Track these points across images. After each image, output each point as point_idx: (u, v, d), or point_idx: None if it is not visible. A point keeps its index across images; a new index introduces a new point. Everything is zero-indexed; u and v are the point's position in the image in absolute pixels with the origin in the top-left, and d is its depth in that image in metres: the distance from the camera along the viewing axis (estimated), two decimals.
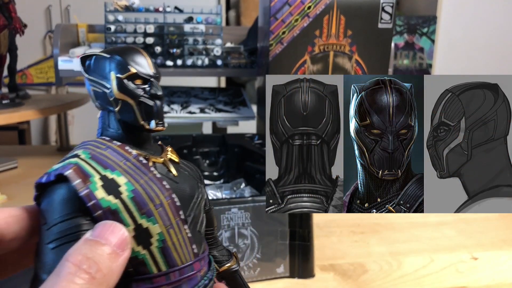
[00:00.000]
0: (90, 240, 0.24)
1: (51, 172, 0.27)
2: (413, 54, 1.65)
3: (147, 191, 0.27)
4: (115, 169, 0.27)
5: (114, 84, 0.30)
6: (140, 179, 0.28)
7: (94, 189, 0.26)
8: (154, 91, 0.31)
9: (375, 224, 0.84)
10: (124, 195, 0.26)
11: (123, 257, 0.25)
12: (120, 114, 0.30)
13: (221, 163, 0.90)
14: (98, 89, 0.31)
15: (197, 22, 1.15)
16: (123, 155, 0.29)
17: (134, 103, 0.30)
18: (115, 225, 0.25)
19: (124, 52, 0.31)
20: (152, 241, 0.27)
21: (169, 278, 0.28)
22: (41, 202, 0.27)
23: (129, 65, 0.30)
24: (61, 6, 2.42)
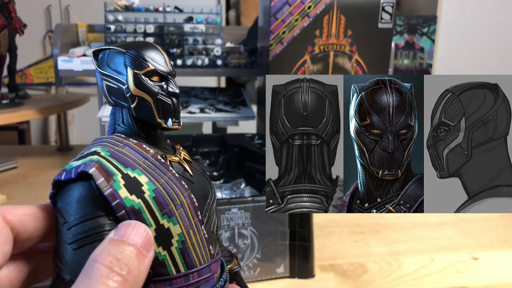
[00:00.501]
0: (116, 240, 0.23)
1: (70, 169, 0.26)
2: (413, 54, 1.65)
3: (168, 191, 0.27)
4: (136, 168, 0.27)
5: (131, 80, 0.29)
6: (160, 178, 0.27)
7: (118, 188, 0.25)
8: (171, 89, 0.30)
9: (375, 224, 0.84)
10: (146, 194, 0.26)
11: (149, 258, 0.24)
12: (136, 111, 0.29)
13: (221, 163, 0.90)
14: (112, 85, 0.30)
15: (197, 22, 1.15)
16: (142, 153, 0.28)
17: (152, 100, 0.29)
18: (139, 225, 0.25)
19: (141, 48, 0.30)
20: (172, 241, 0.26)
21: (188, 279, 0.27)
22: (58, 200, 0.26)
23: (147, 61, 0.29)
24: (61, 6, 2.42)
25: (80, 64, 1.07)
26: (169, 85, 0.30)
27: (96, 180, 0.25)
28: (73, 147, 1.34)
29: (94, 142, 0.29)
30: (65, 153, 1.29)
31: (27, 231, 0.27)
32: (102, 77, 0.30)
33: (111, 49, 0.30)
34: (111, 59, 0.30)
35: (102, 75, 0.30)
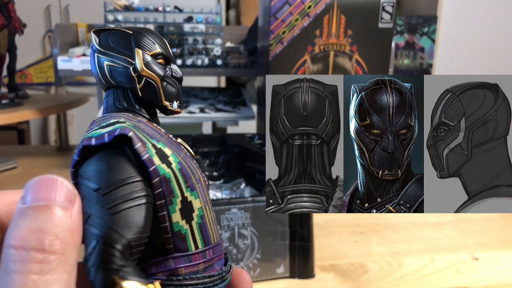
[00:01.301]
0: (25, 208, 0.19)
1: (100, 135, 0.25)
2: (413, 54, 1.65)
3: (188, 165, 0.27)
4: (159, 140, 0.26)
5: (140, 60, 0.29)
6: (180, 153, 0.27)
7: (152, 155, 0.25)
8: (176, 73, 0.30)
9: (375, 224, 0.84)
10: (173, 165, 0.25)
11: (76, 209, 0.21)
12: (143, 91, 0.29)
13: (221, 163, 0.90)
14: (116, 64, 0.29)
15: (197, 21, 1.15)
16: (156, 130, 0.28)
17: (159, 81, 0.29)
18: (46, 178, 0.20)
19: (146, 31, 0.30)
20: (193, 216, 0.26)
21: (205, 256, 0.26)
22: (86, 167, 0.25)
23: (155, 44, 0.30)
24: (61, 6, 2.42)
25: (79, 64, 1.07)
26: (173, 69, 0.30)
27: (135, 144, 0.24)
28: (72, 147, 1.34)
29: (108, 115, 0.28)
30: (65, 153, 1.29)
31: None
32: (104, 56, 0.29)
33: (116, 30, 0.29)
34: (115, 39, 0.29)
35: (104, 54, 0.29)
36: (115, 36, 0.29)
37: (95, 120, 0.28)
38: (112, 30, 0.29)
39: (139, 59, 0.29)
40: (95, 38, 0.30)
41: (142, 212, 0.24)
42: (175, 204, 0.25)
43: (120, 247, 0.23)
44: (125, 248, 0.23)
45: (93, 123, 0.28)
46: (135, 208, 0.24)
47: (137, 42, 0.29)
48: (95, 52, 0.29)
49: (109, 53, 0.29)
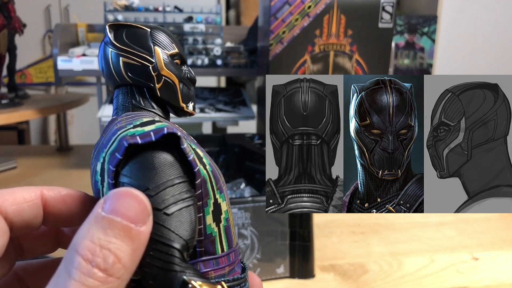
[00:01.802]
0: (104, 218, 0.20)
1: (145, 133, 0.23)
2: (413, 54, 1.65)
3: (216, 167, 0.26)
4: (191, 141, 0.26)
5: (161, 59, 0.28)
6: (206, 155, 0.26)
7: (194, 155, 0.24)
8: (191, 75, 0.30)
9: (376, 224, 0.84)
10: (207, 167, 0.25)
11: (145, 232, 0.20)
12: (162, 91, 0.28)
13: (221, 163, 0.90)
14: (134, 62, 0.27)
15: (197, 21, 1.15)
16: (181, 131, 0.26)
17: (177, 82, 0.28)
18: (130, 193, 0.21)
19: (162, 29, 0.29)
20: (221, 218, 0.25)
21: (229, 258, 0.26)
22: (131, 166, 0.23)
23: (172, 43, 0.29)
24: (61, 6, 2.42)
25: (79, 64, 1.07)
26: (188, 70, 0.30)
27: (182, 144, 0.24)
28: (72, 147, 1.34)
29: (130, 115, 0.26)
30: (65, 153, 1.29)
31: (23, 221, 0.23)
32: (120, 52, 0.27)
33: (131, 26, 0.28)
34: (132, 35, 0.28)
35: (120, 50, 0.27)
36: (132, 32, 0.28)
37: (115, 118, 0.27)
38: (128, 26, 0.28)
39: (158, 58, 0.28)
40: (110, 31, 0.28)
41: (192, 213, 0.24)
42: (209, 206, 0.25)
43: (180, 248, 0.22)
44: (184, 249, 0.23)
45: (114, 121, 0.26)
46: (186, 209, 0.23)
47: (155, 41, 0.28)
48: (107, 47, 0.28)
49: (126, 49, 0.28)
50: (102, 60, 0.28)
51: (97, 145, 0.26)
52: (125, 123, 0.25)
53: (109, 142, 0.24)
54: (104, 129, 0.27)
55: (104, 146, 0.25)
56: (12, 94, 1.11)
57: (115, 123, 0.26)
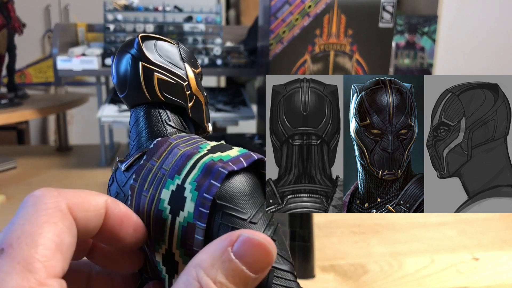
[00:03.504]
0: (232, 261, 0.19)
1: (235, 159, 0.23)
2: (414, 54, 1.65)
3: None
4: None
5: (193, 77, 0.26)
6: None
7: None
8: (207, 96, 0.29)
9: (376, 225, 0.84)
10: None
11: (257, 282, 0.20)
12: (192, 111, 0.27)
13: None
14: (169, 79, 0.26)
15: (197, 21, 1.15)
16: None
17: (203, 101, 0.28)
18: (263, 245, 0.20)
19: (183, 46, 0.28)
20: None
21: None
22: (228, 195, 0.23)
23: (197, 61, 0.27)
24: (60, 6, 2.42)
25: (79, 63, 1.07)
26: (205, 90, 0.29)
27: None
28: (72, 147, 1.34)
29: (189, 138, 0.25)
30: (64, 153, 1.29)
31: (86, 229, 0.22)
32: (154, 68, 0.25)
33: (161, 39, 0.26)
34: (164, 50, 0.26)
35: (155, 66, 0.25)
36: (164, 46, 0.26)
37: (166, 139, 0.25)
38: (159, 39, 0.26)
39: (191, 76, 0.26)
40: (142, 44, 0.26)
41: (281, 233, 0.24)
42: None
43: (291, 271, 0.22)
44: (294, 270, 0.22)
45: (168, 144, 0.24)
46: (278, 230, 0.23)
47: (184, 58, 0.27)
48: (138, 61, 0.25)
49: (161, 65, 0.26)
50: (130, 75, 0.26)
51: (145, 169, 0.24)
52: (191, 148, 0.24)
53: (184, 167, 0.23)
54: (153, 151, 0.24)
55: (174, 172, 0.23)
56: (12, 94, 1.11)
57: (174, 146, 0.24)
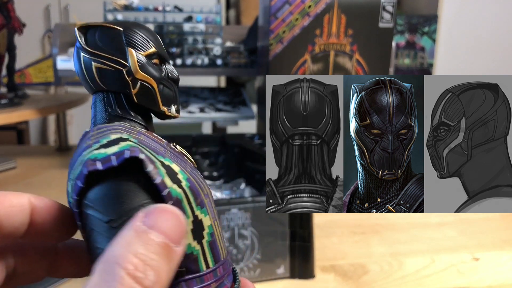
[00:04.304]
0: (145, 232, 0.19)
1: (106, 156, 0.22)
2: (414, 54, 1.65)
3: (196, 180, 0.24)
4: (165, 156, 0.24)
5: (135, 61, 0.26)
6: (186, 167, 0.25)
7: (163, 176, 0.22)
8: (172, 74, 0.27)
9: (376, 225, 0.84)
10: (183, 183, 0.23)
11: (179, 253, 0.20)
12: (138, 97, 0.26)
13: (221, 163, 0.90)
14: (106, 66, 0.26)
15: (197, 21, 1.15)
16: (157, 142, 0.25)
17: (156, 85, 0.26)
18: (172, 211, 0.20)
19: (138, 27, 0.27)
20: (204, 234, 0.24)
21: (216, 274, 0.24)
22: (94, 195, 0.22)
23: (149, 42, 0.26)
24: (60, 6, 2.42)
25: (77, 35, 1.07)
26: (170, 69, 0.28)
27: (146, 167, 0.22)
28: (72, 147, 1.34)
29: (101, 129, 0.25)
30: (64, 153, 1.29)
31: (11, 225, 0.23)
32: (92, 57, 0.26)
33: (103, 26, 0.26)
34: (105, 37, 0.26)
35: (92, 55, 0.26)
36: (104, 33, 0.26)
37: (88, 132, 0.25)
38: (100, 27, 0.26)
39: (132, 60, 0.26)
40: (80, 35, 0.26)
41: None
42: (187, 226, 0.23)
43: None
44: None
45: (86, 136, 0.25)
46: None
47: (129, 41, 0.26)
48: (80, 51, 0.26)
49: (98, 54, 0.26)
50: (75, 65, 0.26)
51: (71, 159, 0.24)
52: (93, 141, 0.23)
53: (75, 163, 0.23)
54: (79, 143, 0.25)
55: (71, 166, 0.23)
56: (12, 94, 1.11)
57: (86, 138, 0.24)
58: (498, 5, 2.40)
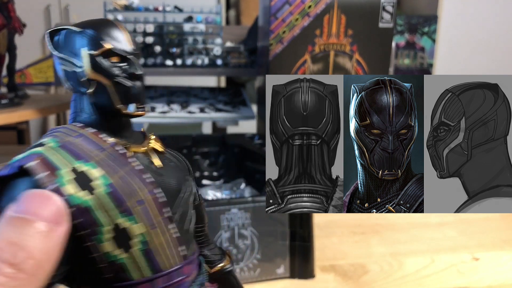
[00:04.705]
0: (16, 218, 0.20)
1: (13, 163, 0.24)
2: (414, 54, 1.65)
3: (126, 186, 0.24)
4: (89, 160, 0.24)
5: (87, 62, 0.26)
6: (118, 171, 0.24)
7: (62, 183, 0.23)
8: (132, 70, 0.27)
9: (376, 225, 0.84)
10: (99, 190, 0.23)
11: (59, 232, 0.20)
12: (94, 97, 0.26)
13: (221, 163, 0.90)
14: (68, 68, 0.27)
15: (197, 21, 1.15)
16: (98, 144, 0.25)
17: (110, 83, 0.26)
18: (41, 194, 0.21)
19: (97, 25, 0.27)
20: (132, 243, 0.24)
21: (155, 284, 0.24)
22: (2, 198, 0.24)
23: (103, 40, 0.26)
24: (61, 6, 2.42)
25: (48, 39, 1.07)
26: (131, 66, 0.27)
27: (35, 175, 0.23)
28: None
29: (48, 132, 0.26)
30: None
31: None
32: (59, 60, 0.27)
33: (67, 29, 0.27)
34: (66, 40, 0.27)
35: (59, 58, 0.27)
36: (66, 36, 0.27)
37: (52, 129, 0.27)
38: (62, 29, 0.27)
39: (85, 61, 0.26)
40: (48, 40, 0.27)
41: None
42: (102, 234, 0.23)
43: None
44: None
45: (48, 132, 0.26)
46: None
47: (84, 41, 0.26)
48: (53, 56, 0.27)
49: (61, 56, 0.27)
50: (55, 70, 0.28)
51: None
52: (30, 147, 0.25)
53: None
54: None
55: None
56: (12, 94, 1.11)
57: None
58: (497, 5, 2.40)
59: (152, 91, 1.23)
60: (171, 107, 1.13)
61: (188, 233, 0.28)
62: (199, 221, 0.32)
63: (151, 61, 1.10)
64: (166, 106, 1.11)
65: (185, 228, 0.27)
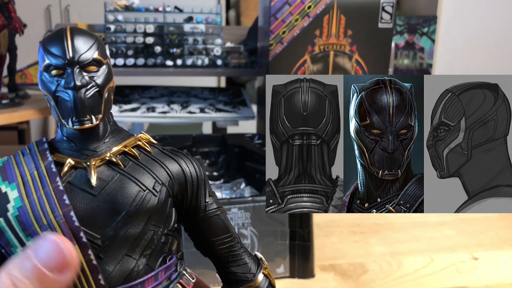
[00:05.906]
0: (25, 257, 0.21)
1: None
2: (413, 54, 1.65)
3: (34, 209, 0.23)
4: (13, 181, 0.24)
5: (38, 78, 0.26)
6: (34, 193, 0.24)
7: None
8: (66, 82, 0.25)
9: (376, 224, 0.84)
10: (10, 212, 0.23)
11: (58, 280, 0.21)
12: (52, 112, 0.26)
13: (221, 163, 0.90)
14: None
15: (197, 22, 1.15)
16: (38, 162, 0.25)
17: (52, 99, 0.26)
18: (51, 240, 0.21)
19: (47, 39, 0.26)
20: None
21: None
22: None
23: (45, 54, 0.26)
24: (61, 6, 2.42)
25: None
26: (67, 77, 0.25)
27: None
28: None
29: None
30: None
31: None
32: None
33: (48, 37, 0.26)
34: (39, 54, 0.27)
35: None
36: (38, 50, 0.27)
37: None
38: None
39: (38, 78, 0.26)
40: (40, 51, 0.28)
41: None
42: (15, 254, 0.23)
43: None
44: None
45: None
46: None
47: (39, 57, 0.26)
48: None
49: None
50: None
51: None
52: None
53: None
54: None
55: None
56: (13, 94, 1.11)
57: None
58: (497, 6, 2.40)
59: (152, 91, 1.23)
60: (171, 107, 1.13)
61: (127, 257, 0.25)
62: (214, 234, 0.29)
63: (151, 61, 1.10)
64: (166, 106, 1.12)
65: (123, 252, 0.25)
